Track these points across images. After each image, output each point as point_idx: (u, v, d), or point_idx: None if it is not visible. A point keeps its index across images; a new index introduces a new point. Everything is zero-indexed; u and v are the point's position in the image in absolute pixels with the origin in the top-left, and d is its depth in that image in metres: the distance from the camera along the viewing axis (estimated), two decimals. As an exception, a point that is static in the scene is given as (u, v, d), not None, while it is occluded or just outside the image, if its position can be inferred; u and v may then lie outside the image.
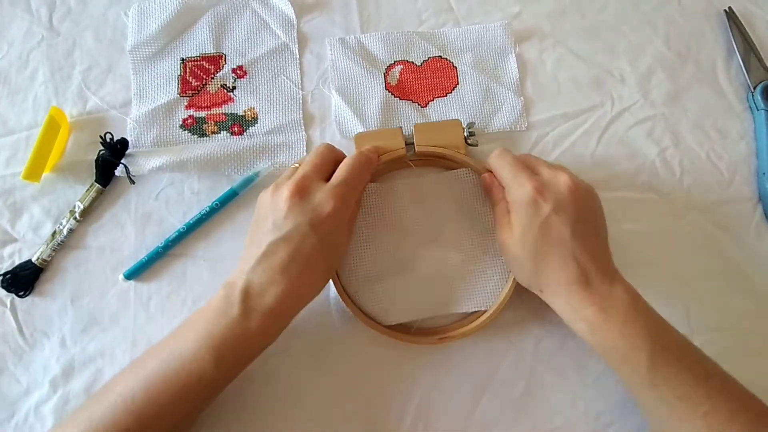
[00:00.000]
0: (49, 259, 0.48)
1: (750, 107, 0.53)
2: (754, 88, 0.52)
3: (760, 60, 0.53)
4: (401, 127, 0.48)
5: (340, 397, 0.45)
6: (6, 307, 0.47)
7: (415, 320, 0.45)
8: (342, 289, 0.45)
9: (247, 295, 0.36)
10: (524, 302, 0.45)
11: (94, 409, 0.36)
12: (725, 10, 0.55)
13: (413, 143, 0.47)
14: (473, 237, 0.47)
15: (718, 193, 0.51)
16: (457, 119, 0.48)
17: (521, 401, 0.45)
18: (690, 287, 0.48)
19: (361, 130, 0.51)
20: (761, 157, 0.51)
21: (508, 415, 0.45)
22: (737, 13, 0.55)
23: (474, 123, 0.48)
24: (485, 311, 0.45)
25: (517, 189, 0.40)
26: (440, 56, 0.54)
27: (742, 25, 0.54)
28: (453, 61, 0.54)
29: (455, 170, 0.48)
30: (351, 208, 0.41)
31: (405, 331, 0.45)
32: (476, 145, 0.48)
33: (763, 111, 0.51)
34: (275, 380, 0.45)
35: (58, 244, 0.48)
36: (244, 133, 0.52)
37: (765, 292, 0.48)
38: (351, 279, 0.46)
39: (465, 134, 0.47)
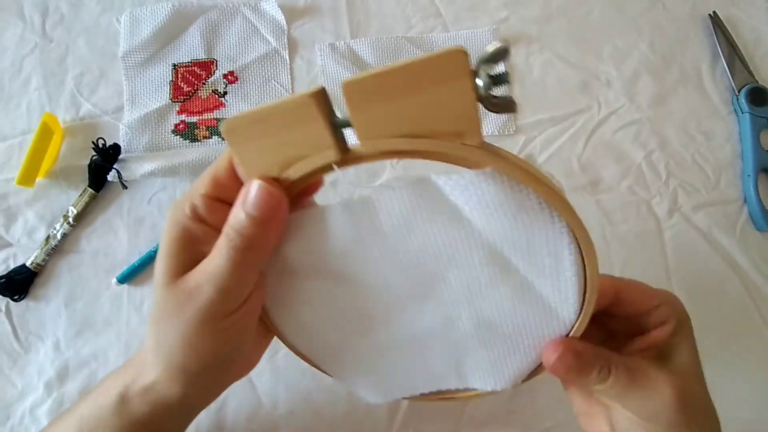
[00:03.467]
0: (43, 264, 0.48)
1: (735, 110, 0.54)
2: (739, 91, 0.53)
3: (744, 64, 0.54)
4: (323, 88, 0.21)
5: (328, 400, 0.45)
6: (1, 311, 0.48)
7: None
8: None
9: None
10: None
11: None
12: (710, 15, 0.56)
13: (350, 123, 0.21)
14: (498, 298, 0.26)
15: (704, 195, 0.51)
16: (460, 47, 0.19)
17: (511, 403, 0.45)
18: (676, 289, 0.48)
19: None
20: (746, 159, 0.52)
21: (499, 417, 0.45)
22: (722, 18, 0.56)
23: (507, 49, 0.20)
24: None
25: (681, 310, 0.30)
26: (429, 61, 0.55)
27: (727, 29, 0.55)
28: (442, 65, 0.55)
29: (468, 170, 0.22)
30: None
31: None
32: (514, 111, 0.22)
33: (747, 114, 0.52)
34: (259, 382, 0.45)
35: (52, 248, 0.48)
36: (236, 138, 0.52)
37: (751, 293, 0.49)
38: (298, 341, 0.30)
39: (481, 86, 0.20)
